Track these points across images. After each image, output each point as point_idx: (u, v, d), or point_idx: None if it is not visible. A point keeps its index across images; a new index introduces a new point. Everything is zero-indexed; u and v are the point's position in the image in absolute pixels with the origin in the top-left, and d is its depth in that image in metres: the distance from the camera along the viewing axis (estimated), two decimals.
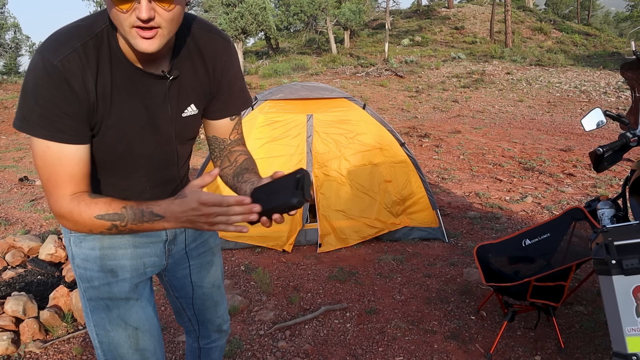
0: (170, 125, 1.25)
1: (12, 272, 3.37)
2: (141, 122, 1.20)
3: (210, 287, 1.59)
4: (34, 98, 1.06)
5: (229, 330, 1.74)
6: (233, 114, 1.38)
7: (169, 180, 1.37)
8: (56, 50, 1.06)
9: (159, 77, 1.17)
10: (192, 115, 1.29)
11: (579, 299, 3.06)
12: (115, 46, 1.12)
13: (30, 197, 5.91)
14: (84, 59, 1.08)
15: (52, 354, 2.64)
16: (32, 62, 1.07)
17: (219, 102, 1.33)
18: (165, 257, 1.44)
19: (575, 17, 36.09)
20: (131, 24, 1.01)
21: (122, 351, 1.35)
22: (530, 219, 4.72)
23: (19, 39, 31.68)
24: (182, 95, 1.24)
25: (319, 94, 4.18)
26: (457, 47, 21.96)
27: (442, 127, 10.22)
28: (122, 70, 1.13)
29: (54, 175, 1.10)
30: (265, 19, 21.59)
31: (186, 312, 1.63)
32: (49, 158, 1.09)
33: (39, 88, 1.05)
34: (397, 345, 2.68)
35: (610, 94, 13.46)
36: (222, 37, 1.30)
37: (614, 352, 1.65)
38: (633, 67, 2.26)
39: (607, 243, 1.66)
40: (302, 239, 4.08)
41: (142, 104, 1.18)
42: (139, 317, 1.35)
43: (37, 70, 1.05)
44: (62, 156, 1.09)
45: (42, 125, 1.06)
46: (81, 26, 1.10)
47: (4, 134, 11.73)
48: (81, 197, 1.12)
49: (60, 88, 1.06)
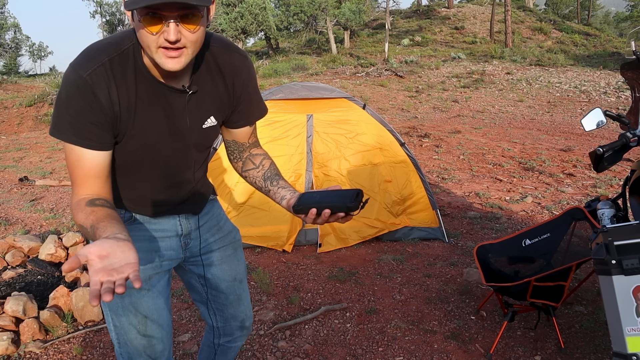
0: (188, 134, 1.34)
1: (12, 272, 3.37)
2: (162, 131, 1.29)
3: (232, 280, 1.63)
4: (65, 107, 1.17)
5: (250, 328, 1.78)
6: (253, 123, 1.50)
7: (184, 183, 1.44)
8: (86, 64, 1.17)
9: (180, 91, 1.26)
10: (211, 127, 1.39)
11: (579, 299, 3.06)
12: (140, 62, 1.21)
13: (30, 197, 5.91)
14: (110, 73, 1.18)
15: (52, 354, 2.64)
16: (65, 75, 1.19)
17: (240, 113, 1.44)
18: (182, 250, 1.51)
19: (575, 17, 36.10)
20: (159, 44, 1.11)
21: (130, 335, 1.42)
22: (530, 219, 4.72)
23: (19, 39, 31.66)
24: (201, 108, 1.33)
25: (319, 94, 4.18)
26: (457, 47, 21.97)
27: (442, 127, 10.22)
28: (145, 84, 1.23)
29: (73, 174, 1.23)
30: (265, 19, 21.61)
31: (211, 305, 1.67)
32: (72, 159, 1.21)
33: (70, 99, 1.17)
34: (397, 345, 2.69)
35: (610, 94, 13.46)
36: (240, 54, 1.39)
37: (614, 352, 1.65)
38: (633, 67, 2.26)
39: (607, 243, 1.66)
40: (302, 239, 4.08)
41: (164, 115, 1.28)
42: (149, 306, 1.42)
43: (69, 83, 1.17)
44: (80, 159, 1.21)
45: (71, 131, 1.18)
46: (110, 43, 1.21)
47: (4, 134, 11.74)
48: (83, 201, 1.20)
49: (87, 99, 1.16)
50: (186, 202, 1.46)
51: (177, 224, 1.47)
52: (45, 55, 39.67)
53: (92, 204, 1.19)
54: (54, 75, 22.80)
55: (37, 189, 6.35)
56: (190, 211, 1.49)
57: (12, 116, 13.10)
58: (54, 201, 5.68)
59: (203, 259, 1.57)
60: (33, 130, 12.18)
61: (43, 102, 13.52)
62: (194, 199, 1.48)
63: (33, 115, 13.08)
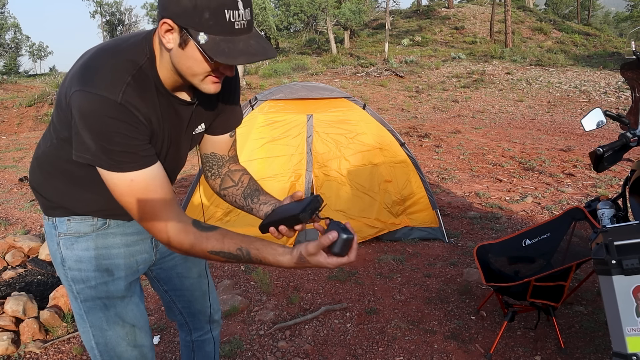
0: (187, 143, 1.37)
1: (12, 272, 3.37)
2: (176, 143, 1.32)
3: (197, 277, 1.63)
4: (107, 140, 1.08)
5: (220, 321, 1.77)
6: (232, 130, 1.47)
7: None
8: (112, 88, 1.09)
9: (188, 103, 1.28)
10: (199, 133, 1.40)
11: (579, 299, 3.06)
12: (155, 77, 1.18)
13: (30, 197, 5.91)
14: (138, 91, 1.13)
15: (52, 354, 2.64)
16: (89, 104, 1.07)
17: (222, 120, 1.42)
18: (154, 252, 1.49)
19: (575, 17, 36.11)
20: (210, 74, 1.12)
21: (120, 349, 1.37)
22: (530, 219, 4.72)
23: (19, 39, 31.68)
24: (197, 117, 1.34)
25: (319, 94, 4.18)
26: (457, 47, 21.97)
27: (442, 127, 10.22)
28: (161, 98, 1.21)
29: (148, 204, 1.14)
30: (265, 19, 21.61)
31: (176, 305, 1.66)
32: (136, 190, 1.13)
33: (110, 128, 1.08)
34: (397, 345, 2.68)
35: (610, 94, 13.46)
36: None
37: (614, 352, 1.65)
38: (633, 67, 2.26)
39: (607, 243, 1.66)
40: (302, 239, 4.07)
41: (172, 127, 1.28)
42: (135, 314, 1.39)
43: (102, 112, 1.07)
44: (148, 183, 1.14)
45: (125, 161, 1.10)
46: (127, 60, 1.14)
47: (4, 134, 11.74)
48: (189, 227, 1.16)
49: (130, 121, 1.10)
50: None
51: None
52: (45, 55, 39.67)
53: (202, 227, 1.17)
54: (54, 75, 22.79)
55: None
56: None
57: (12, 116, 13.10)
58: None
59: (168, 259, 1.56)
60: (33, 130, 12.19)
61: (43, 102, 13.52)
62: None
63: (33, 116, 13.08)
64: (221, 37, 1.03)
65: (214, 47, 1.02)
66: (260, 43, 1.08)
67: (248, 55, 1.04)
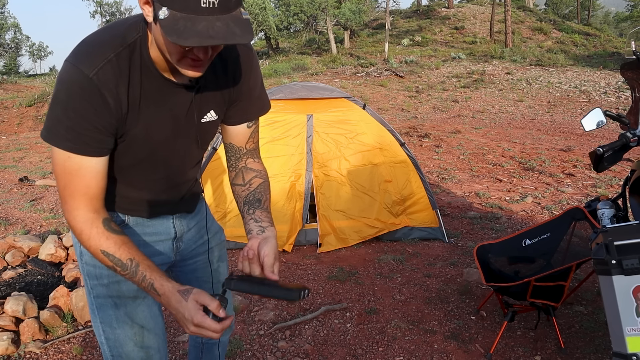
0: (193, 131, 1.27)
1: (12, 272, 3.36)
2: (167, 130, 1.21)
3: (216, 283, 1.61)
4: (64, 110, 1.05)
5: (233, 327, 1.76)
6: (250, 120, 1.37)
7: (182, 182, 1.39)
8: (90, 61, 1.05)
9: (186, 86, 1.18)
10: (211, 121, 1.30)
11: (579, 299, 3.06)
12: (146, 56, 1.11)
13: (30, 197, 5.91)
14: (117, 70, 1.07)
15: (52, 354, 2.64)
16: (64, 73, 1.06)
17: (238, 108, 1.33)
18: (174, 254, 1.46)
19: (575, 17, 36.11)
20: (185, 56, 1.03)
21: (127, 348, 1.36)
22: (530, 219, 4.72)
23: (19, 39, 31.67)
24: (203, 102, 1.25)
25: (319, 94, 4.18)
26: (457, 47, 21.96)
27: (442, 127, 10.22)
28: (150, 79, 1.14)
29: (71, 185, 1.11)
30: (265, 19, 21.61)
31: None
32: (68, 168, 1.10)
33: (72, 100, 1.05)
34: (397, 345, 2.68)
35: (610, 94, 13.46)
36: (245, 45, 1.29)
37: (614, 352, 1.65)
38: (633, 67, 2.26)
39: (607, 243, 1.66)
40: (302, 239, 4.07)
41: (169, 112, 1.19)
42: (145, 315, 1.36)
43: (70, 82, 1.05)
44: (81, 168, 1.10)
45: (68, 137, 1.07)
46: (115, 36, 1.09)
47: (4, 134, 11.74)
48: (96, 222, 1.13)
49: (93, 101, 1.05)
50: (182, 200, 1.42)
51: (171, 226, 1.42)
52: (45, 55, 39.67)
53: (110, 228, 1.13)
54: (54, 75, 22.81)
55: (37, 189, 6.35)
56: (184, 210, 1.45)
57: (12, 116, 13.11)
58: (54, 201, 5.68)
59: (190, 262, 1.53)
60: (33, 130, 12.19)
61: (43, 102, 13.53)
62: (189, 197, 1.45)
63: (33, 115, 13.09)
64: (183, 14, 0.93)
65: (169, 24, 0.93)
66: (229, 26, 0.95)
67: (201, 38, 0.92)
